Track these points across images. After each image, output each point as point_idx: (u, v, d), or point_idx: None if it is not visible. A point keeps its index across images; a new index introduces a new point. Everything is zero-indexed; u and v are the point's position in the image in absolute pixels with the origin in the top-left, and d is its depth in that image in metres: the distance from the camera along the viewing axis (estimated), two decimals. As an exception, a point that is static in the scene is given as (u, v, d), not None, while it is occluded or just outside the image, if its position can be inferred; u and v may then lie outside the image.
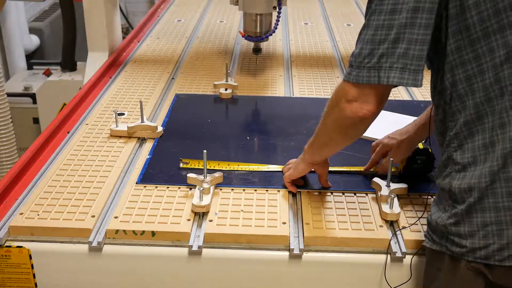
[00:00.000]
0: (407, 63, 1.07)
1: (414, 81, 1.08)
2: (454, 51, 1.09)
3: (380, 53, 1.08)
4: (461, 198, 1.11)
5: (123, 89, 2.12)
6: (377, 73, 1.09)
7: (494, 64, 1.05)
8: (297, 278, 1.32)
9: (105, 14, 2.48)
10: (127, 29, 4.96)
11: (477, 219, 1.10)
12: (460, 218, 1.12)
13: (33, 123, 3.42)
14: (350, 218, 1.38)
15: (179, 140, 1.76)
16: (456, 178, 1.13)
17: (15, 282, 1.34)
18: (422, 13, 1.05)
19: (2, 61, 4.33)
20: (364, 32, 1.11)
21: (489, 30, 1.04)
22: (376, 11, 1.09)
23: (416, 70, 1.07)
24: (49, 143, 1.76)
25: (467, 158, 1.11)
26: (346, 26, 2.94)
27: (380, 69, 1.09)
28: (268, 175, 1.56)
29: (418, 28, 1.06)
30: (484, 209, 1.09)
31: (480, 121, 1.09)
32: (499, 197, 1.08)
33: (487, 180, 1.08)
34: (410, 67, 1.07)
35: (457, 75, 1.10)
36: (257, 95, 2.11)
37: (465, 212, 1.11)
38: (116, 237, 1.33)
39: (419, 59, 1.07)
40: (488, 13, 1.04)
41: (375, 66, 1.09)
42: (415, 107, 1.99)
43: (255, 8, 2.16)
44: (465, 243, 1.11)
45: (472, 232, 1.10)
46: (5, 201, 1.46)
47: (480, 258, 1.10)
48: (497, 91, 1.06)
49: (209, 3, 3.37)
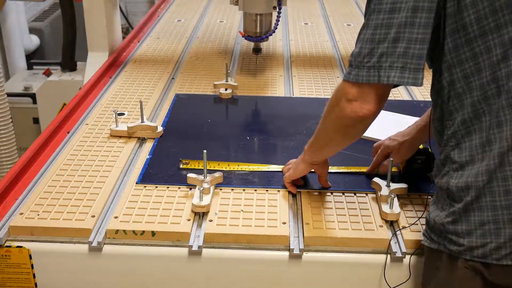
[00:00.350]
0: (407, 62, 1.07)
1: (415, 80, 1.08)
2: (452, 50, 1.09)
3: (380, 52, 1.08)
4: (459, 196, 1.12)
5: (123, 89, 2.12)
6: (377, 73, 1.09)
7: (491, 62, 1.06)
8: (297, 278, 1.32)
9: (105, 14, 2.48)
10: (127, 29, 4.96)
11: (474, 217, 1.10)
12: (457, 217, 1.12)
13: (33, 123, 3.42)
14: (350, 218, 1.38)
15: (179, 140, 1.76)
16: (453, 176, 1.13)
17: (15, 282, 1.34)
18: (422, 13, 1.05)
19: (2, 61, 4.33)
20: (364, 32, 1.11)
21: (486, 29, 1.05)
22: (375, 10, 1.09)
23: (416, 69, 1.07)
24: (49, 143, 1.76)
25: (465, 157, 1.11)
26: (346, 26, 2.94)
27: (380, 69, 1.09)
28: (268, 175, 1.56)
29: (417, 28, 1.06)
30: (482, 207, 1.09)
31: (477, 120, 1.09)
32: (496, 196, 1.08)
33: (484, 178, 1.08)
34: (410, 66, 1.07)
35: (455, 74, 1.10)
36: (257, 95, 2.11)
37: (463, 211, 1.11)
38: (116, 237, 1.33)
39: (419, 58, 1.07)
40: (485, 12, 1.04)
41: (375, 66, 1.09)
42: (415, 107, 1.99)
43: (255, 8, 2.16)
44: (462, 241, 1.11)
45: (470, 231, 1.10)
46: (5, 201, 1.46)
47: (478, 257, 1.10)
48: (494, 90, 1.06)
49: (209, 3, 3.37)
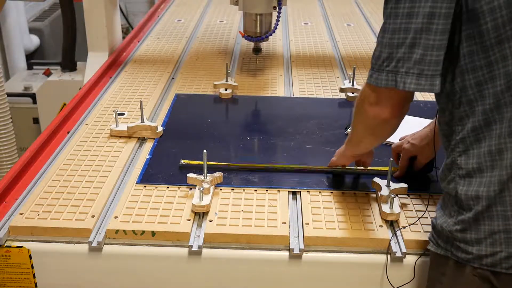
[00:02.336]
0: (424, 68, 1.06)
1: (431, 87, 1.07)
2: (466, 56, 1.07)
3: (398, 57, 1.08)
4: (468, 205, 1.11)
5: (123, 89, 2.12)
6: (394, 77, 1.09)
7: (506, 72, 1.04)
8: (297, 278, 1.32)
9: (105, 14, 2.48)
10: (127, 29, 4.96)
11: (484, 226, 1.09)
12: (467, 226, 1.11)
13: (33, 123, 3.42)
14: (350, 218, 1.38)
15: (179, 140, 1.76)
16: (461, 184, 1.12)
17: (15, 282, 1.34)
18: (438, 19, 1.04)
19: (2, 61, 4.33)
20: (382, 35, 1.11)
21: (503, 37, 1.03)
22: (392, 15, 1.08)
23: (433, 76, 1.06)
24: (49, 143, 1.76)
25: (472, 164, 1.10)
26: (346, 26, 2.94)
27: (397, 74, 1.08)
28: (268, 175, 1.56)
29: (434, 34, 1.04)
30: (492, 217, 1.08)
31: (487, 127, 1.08)
32: (507, 205, 1.07)
33: (496, 189, 1.07)
34: (428, 73, 1.06)
35: (468, 80, 1.08)
36: (257, 95, 2.11)
37: (473, 220, 1.10)
38: (116, 237, 1.33)
39: (436, 65, 1.06)
40: (502, 20, 1.02)
41: (393, 70, 1.09)
42: (415, 107, 1.98)
43: (255, 8, 2.16)
44: (471, 249, 1.10)
45: (479, 239, 1.10)
46: (5, 201, 1.46)
47: (487, 265, 1.09)
48: (507, 99, 1.05)
49: (209, 3, 3.37)
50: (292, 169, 1.58)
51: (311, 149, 1.70)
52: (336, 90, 2.13)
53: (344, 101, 2.05)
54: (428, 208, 1.41)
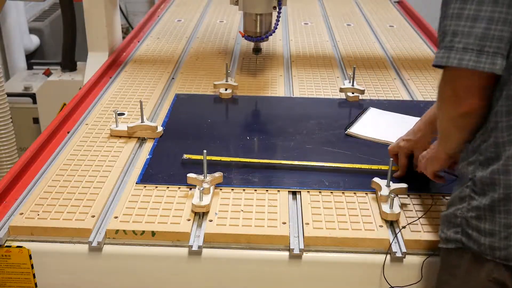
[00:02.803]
0: (485, 44, 1.00)
1: (492, 65, 1.00)
2: None
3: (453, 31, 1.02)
4: (482, 190, 1.09)
5: (123, 89, 2.12)
6: (447, 54, 1.04)
7: None
8: (297, 278, 1.32)
9: (105, 14, 2.48)
10: (127, 29, 4.96)
11: (500, 219, 1.07)
12: (482, 213, 1.09)
13: (33, 123, 3.42)
14: (350, 218, 1.38)
15: (179, 140, 1.76)
16: (480, 169, 1.10)
17: (15, 282, 1.34)
18: None
19: (2, 61, 4.33)
20: (444, 9, 1.06)
21: None
22: None
23: (494, 53, 1.00)
24: (49, 143, 1.76)
25: (497, 152, 1.07)
26: (346, 26, 2.94)
27: (451, 50, 1.03)
28: (268, 175, 1.56)
29: (501, 6, 0.99)
30: (509, 211, 1.07)
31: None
32: None
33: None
34: (489, 50, 1.00)
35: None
36: (257, 95, 2.11)
37: (488, 208, 1.08)
38: (116, 237, 1.33)
39: (499, 41, 1.00)
40: None
41: (448, 46, 1.03)
42: (415, 107, 1.99)
43: (255, 8, 2.16)
44: (483, 240, 1.09)
45: (493, 231, 1.08)
46: (5, 201, 1.46)
47: (500, 258, 1.08)
48: None
49: (209, 3, 3.37)
50: (293, 167, 1.58)
51: (311, 149, 1.70)
52: (336, 90, 2.13)
53: (344, 101, 2.05)
54: (428, 208, 1.41)
